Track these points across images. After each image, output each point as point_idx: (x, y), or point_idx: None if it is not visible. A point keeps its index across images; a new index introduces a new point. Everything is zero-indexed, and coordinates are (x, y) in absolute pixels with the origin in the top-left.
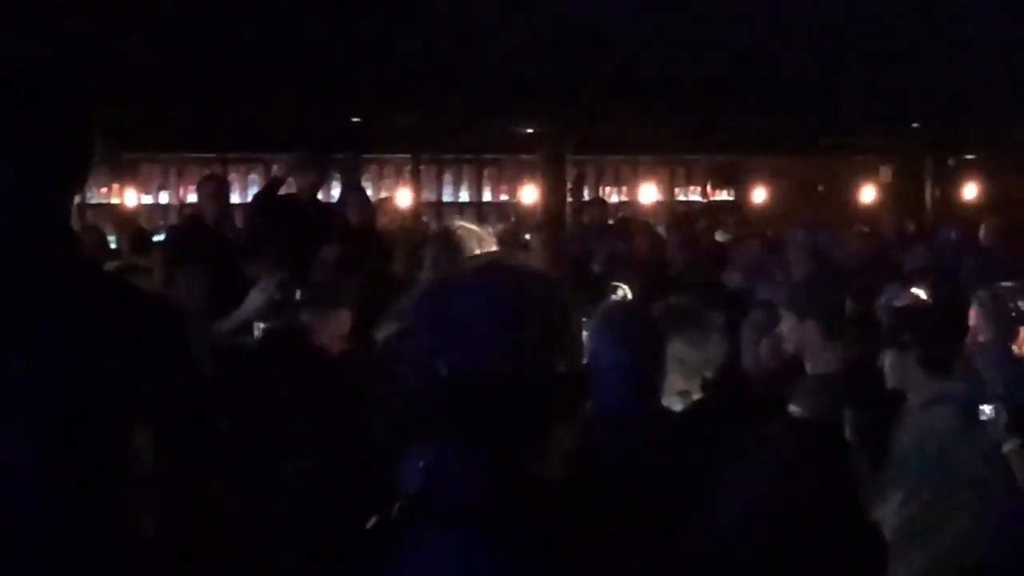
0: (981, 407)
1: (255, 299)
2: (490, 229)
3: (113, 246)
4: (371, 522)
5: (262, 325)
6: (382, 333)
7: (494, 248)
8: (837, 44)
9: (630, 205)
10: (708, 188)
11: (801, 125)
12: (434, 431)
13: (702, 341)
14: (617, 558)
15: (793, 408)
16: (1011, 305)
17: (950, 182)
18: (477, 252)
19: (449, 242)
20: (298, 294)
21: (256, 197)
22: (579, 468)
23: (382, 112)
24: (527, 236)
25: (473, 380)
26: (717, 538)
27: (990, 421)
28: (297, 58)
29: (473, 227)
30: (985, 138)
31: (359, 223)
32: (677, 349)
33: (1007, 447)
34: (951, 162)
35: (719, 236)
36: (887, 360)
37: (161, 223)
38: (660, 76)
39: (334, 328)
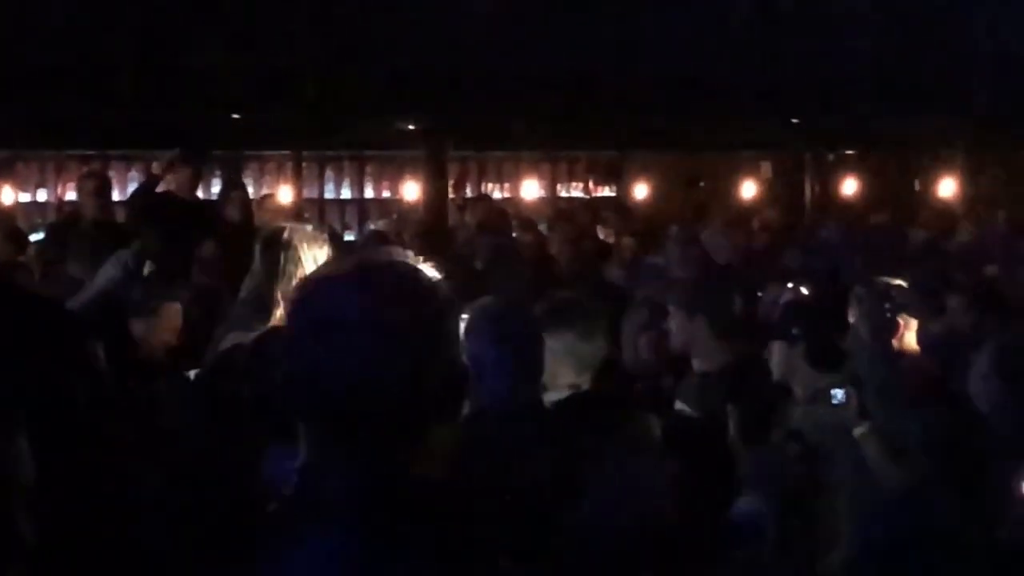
0: (833, 391)
1: (108, 270)
2: (326, 233)
3: None
4: (245, 525)
5: None
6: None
7: (326, 250)
8: (718, 40)
9: (512, 201)
10: (591, 184)
11: (682, 121)
12: (307, 432)
13: (592, 334)
14: (495, 555)
15: (680, 404)
16: (887, 304)
17: (829, 178)
18: (307, 255)
19: (277, 244)
20: (148, 267)
21: (134, 194)
22: (458, 467)
23: (262, 109)
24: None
25: (344, 379)
26: (593, 530)
27: (841, 405)
28: (177, 55)
29: (306, 229)
30: (864, 133)
31: (238, 221)
32: (567, 342)
33: (858, 431)
34: (830, 157)
35: (601, 233)
36: (774, 353)
37: (39, 221)
38: (541, 71)
39: (166, 322)
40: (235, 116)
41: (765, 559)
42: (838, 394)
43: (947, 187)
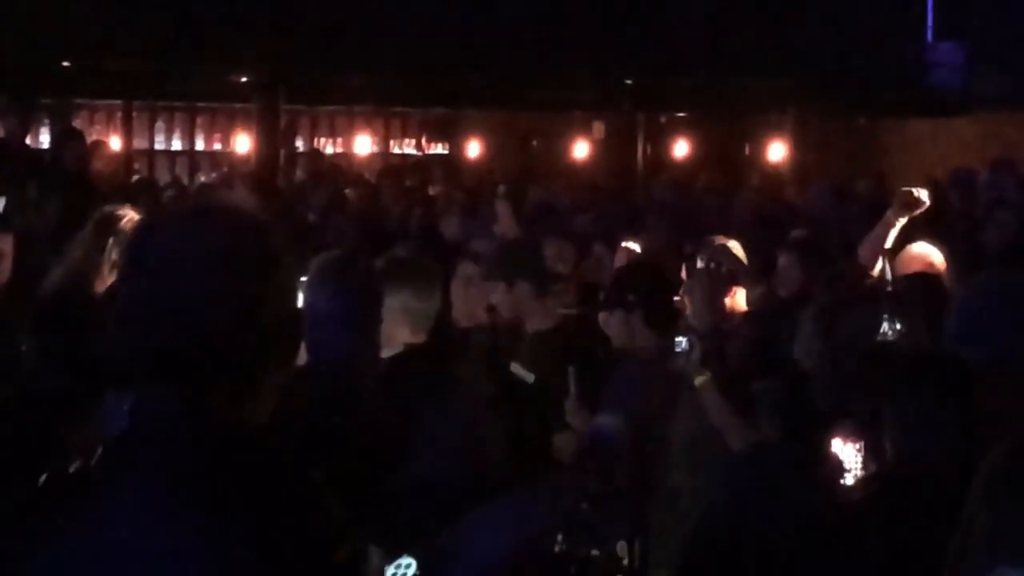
0: (677, 339)
1: None
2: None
3: None
4: (72, 469)
5: None
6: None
7: None
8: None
9: (345, 156)
10: (423, 141)
11: (514, 79)
12: (139, 375)
13: (429, 292)
14: (325, 501)
15: (515, 366)
16: (715, 263)
17: (661, 140)
18: None
19: (108, 229)
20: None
21: None
22: (291, 415)
23: (93, 56)
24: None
25: (171, 322)
26: (424, 481)
27: (683, 353)
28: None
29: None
30: (695, 95)
31: (74, 169)
32: (404, 300)
33: (699, 380)
34: (662, 119)
35: (432, 190)
36: (612, 320)
37: None
38: (373, 25)
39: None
40: (65, 64)
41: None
42: (682, 342)
43: (776, 151)
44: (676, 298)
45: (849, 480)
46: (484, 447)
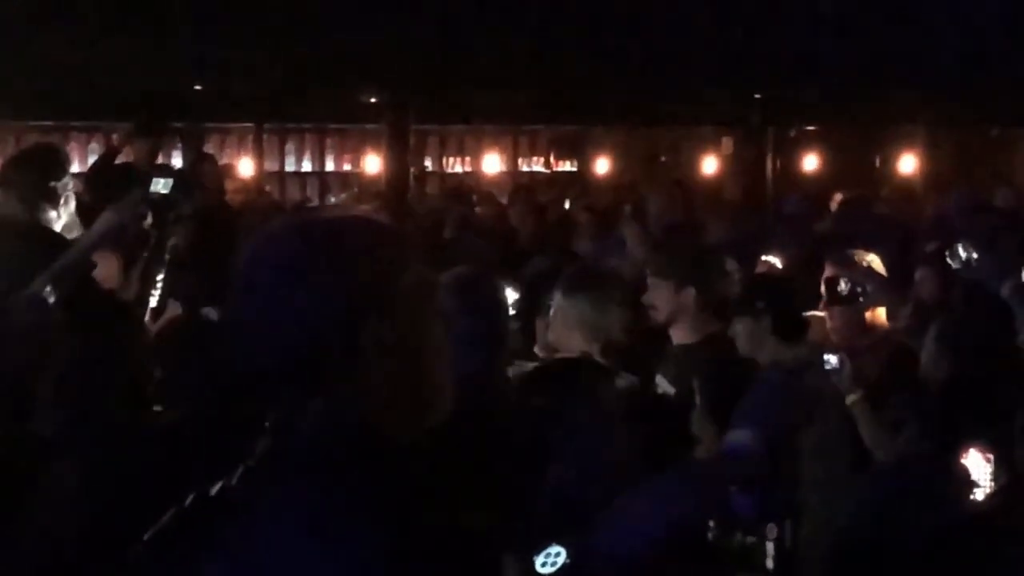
0: (827, 356)
1: (104, 221)
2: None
3: None
4: (214, 489)
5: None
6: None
7: None
8: (679, 14)
9: (474, 175)
10: (552, 159)
11: (642, 95)
12: (269, 389)
13: (605, 304)
14: (464, 512)
15: (659, 379)
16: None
17: (791, 153)
18: None
19: None
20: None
21: (93, 166)
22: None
23: (223, 80)
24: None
25: (297, 334)
26: (557, 495)
27: (835, 371)
28: (137, 28)
29: None
30: (825, 109)
31: (211, 192)
32: (581, 309)
33: (851, 398)
34: (792, 133)
35: (562, 208)
36: (739, 328)
37: None
38: (503, 45)
39: (102, 271)
40: (197, 87)
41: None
42: (832, 359)
43: (908, 163)
44: (812, 312)
45: (980, 494)
46: (622, 459)
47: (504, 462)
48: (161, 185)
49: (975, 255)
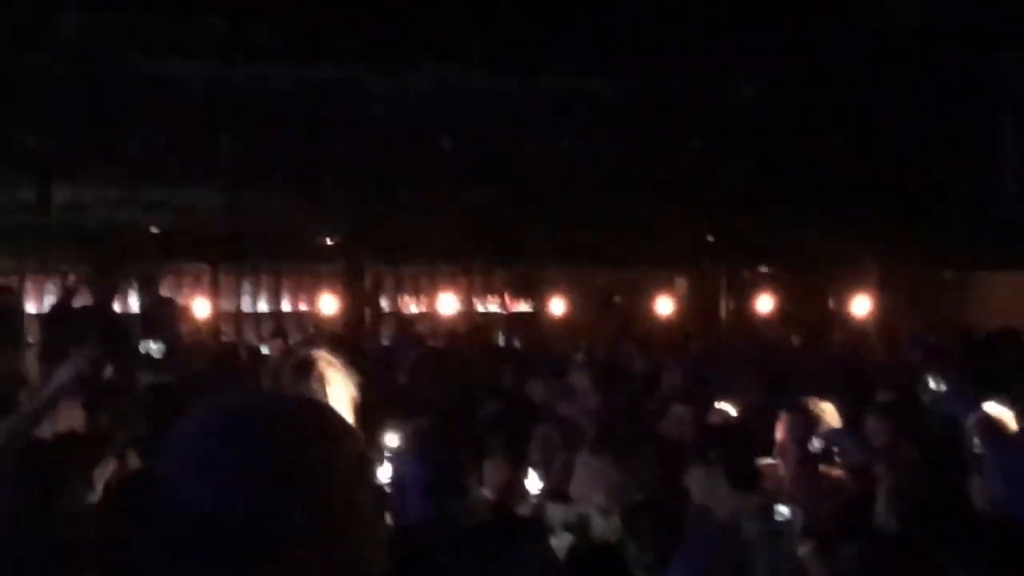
0: (777, 507)
1: (63, 374)
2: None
3: None
4: None
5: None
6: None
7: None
8: (636, 157)
9: (429, 315)
10: (507, 299)
11: (595, 235)
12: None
13: (632, 465)
14: None
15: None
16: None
17: (744, 294)
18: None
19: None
20: (108, 371)
21: (51, 308)
22: None
23: (178, 222)
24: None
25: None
26: None
27: (786, 523)
28: (97, 167)
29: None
30: (779, 250)
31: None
32: (603, 465)
33: (802, 550)
34: (746, 274)
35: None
36: (693, 476)
37: None
38: (451, 184)
39: (65, 421)
40: (154, 230)
41: None
42: (783, 510)
43: (861, 304)
44: (767, 460)
45: None
46: None
47: None
48: (155, 350)
49: (943, 387)
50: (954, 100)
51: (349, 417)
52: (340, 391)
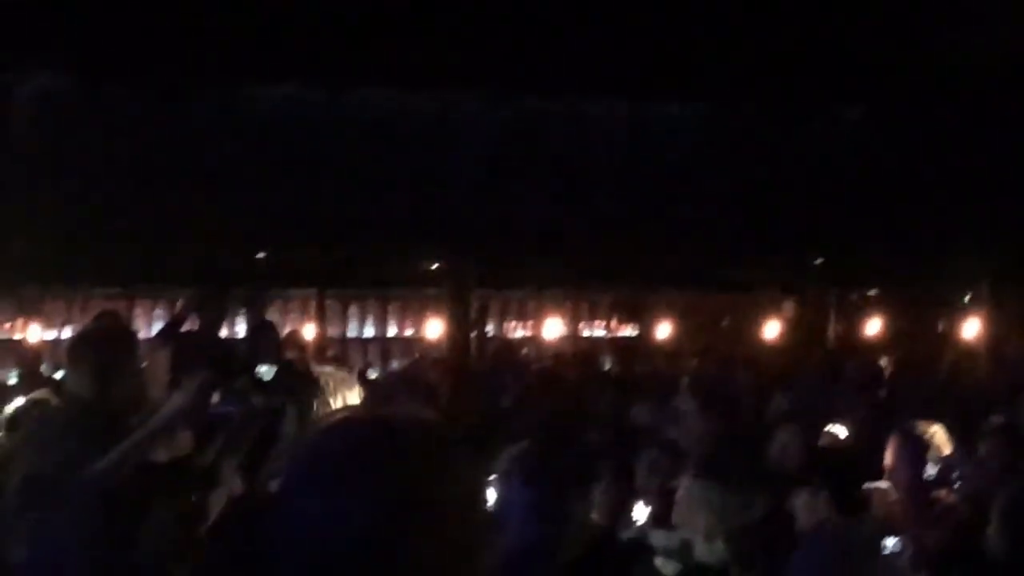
0: (883, 541)
1: (176, 401)
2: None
3: (11, 381)
4: None
5: None
6: None
7: (357, 391)
8: (736, 182)
9: (534, 339)
10: (612, 323)
11: (702, 261)
12: None
13: (737, 489)
14: None
15: None
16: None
17: (853, 317)
18: (339, 398)
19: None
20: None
21: (158, 333)
22: None
23: (286, 247)
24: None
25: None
26: None
27: (894, 555)
28: (202, 193)
29: (336, 372)
30: (886, 273)
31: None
32: (708, 490)
33: None
34: (854, 296)
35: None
36: (798, 501)
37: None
38: (559, 212)
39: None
40: (260, 255)
41: None
42: (889, 543)
43: (970, 327)
44: (876, 484)
45: None
46: None
47: None
48: (264, 373)
49: None
50: None
51: None
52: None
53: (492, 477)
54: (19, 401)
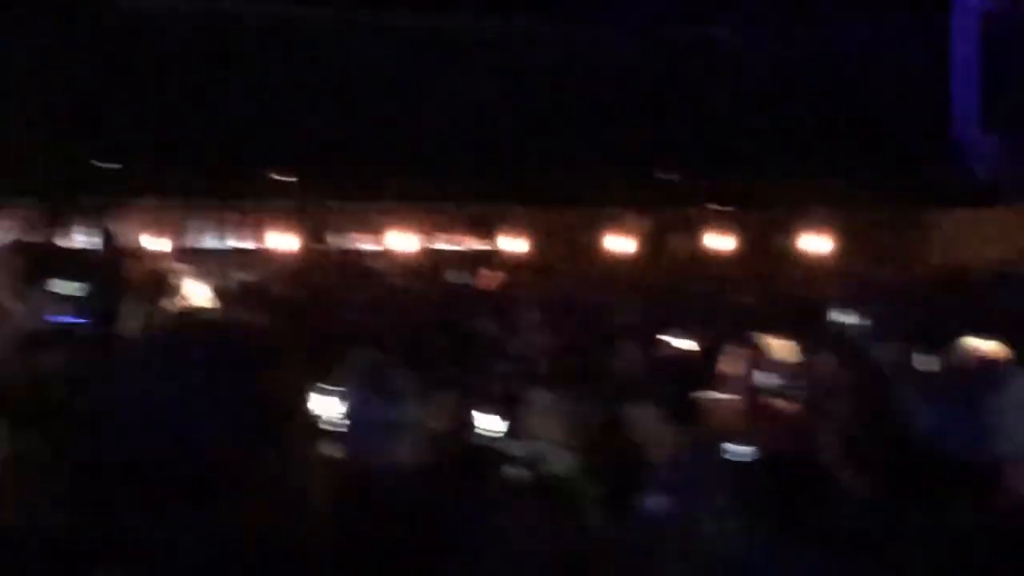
0: (725, 444)
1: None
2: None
3: None
4: None
5: None
6: None
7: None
8: (591, 99)
9: (385, 254)
10: (463, 237)
11: (553, 177)
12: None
13: (584, 400)
14: None
15: None
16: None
17: (696, 235)
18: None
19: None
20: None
21: (9, 243)
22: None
23: (137, 159)
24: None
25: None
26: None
27: (734, 459)
28: (53, 106)
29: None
30: (742, 190)
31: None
32: (556, 403)
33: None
34: (697, 214)
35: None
36: (638, 411)
37: None
38: (407, 130)
39: None
40: (106, 166)
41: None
42: (731, 447)
43: (817, 243)
44: (715, 394)
45: None
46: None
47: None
48: (74, 288)
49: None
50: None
51: None
52: (200, 299)
53: (341, 389)
54: None
